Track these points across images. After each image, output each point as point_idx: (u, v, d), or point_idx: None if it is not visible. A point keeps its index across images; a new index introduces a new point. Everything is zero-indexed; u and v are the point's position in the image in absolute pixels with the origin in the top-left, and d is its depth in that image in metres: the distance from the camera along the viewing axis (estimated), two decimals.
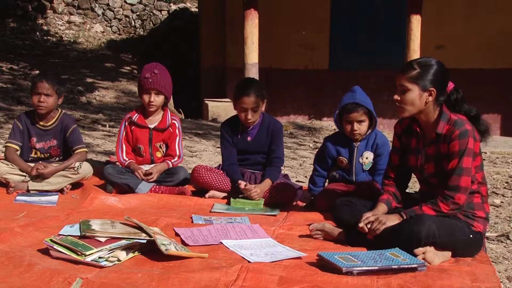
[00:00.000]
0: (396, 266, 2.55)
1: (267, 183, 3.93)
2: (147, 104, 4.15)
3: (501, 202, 4.39)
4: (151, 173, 4.06)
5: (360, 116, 3.65)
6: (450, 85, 2.97)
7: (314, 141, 7.59)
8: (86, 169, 4.09)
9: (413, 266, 2.58)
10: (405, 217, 2.85)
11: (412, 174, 3.23)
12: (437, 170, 2.95)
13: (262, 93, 3.97)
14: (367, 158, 3.76)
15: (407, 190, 3.30)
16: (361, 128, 3.69)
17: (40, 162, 4.02)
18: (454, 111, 2.95)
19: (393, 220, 2.86)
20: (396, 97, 2.94)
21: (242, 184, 3.88)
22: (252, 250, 2.84)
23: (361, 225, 2.90)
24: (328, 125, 9.14)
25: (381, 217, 2.89)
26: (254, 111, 3.95)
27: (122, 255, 2.60)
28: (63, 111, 4.26)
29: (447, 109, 2.94)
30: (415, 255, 2.69)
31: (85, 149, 4.22)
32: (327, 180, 3.95)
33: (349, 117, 3.67)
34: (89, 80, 10.45)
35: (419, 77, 2.87)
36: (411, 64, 2.91)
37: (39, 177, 3.95)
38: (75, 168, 4.02)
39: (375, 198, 3.16)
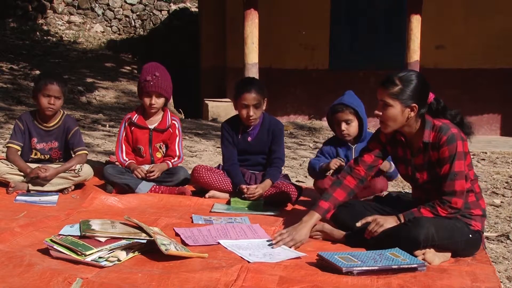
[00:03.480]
0: (396, 266, 2.55)
1: (268, 183, 3.92)
2: (148, 106, 4.14)
3: (501, 202, 4.38)
4: (153, 171, 4.06)
5: (346, 116, 3.70)
6: (431, 96, 2.93)
7: (314, 141, 7.58)
8: (87, 171, 4.09)
9: (413, 266, 2.58)
10: (402, 220, 2.85)
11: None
12: (431, 178, 2.94)
13: (263, 90, 3.97)
14: None
15: (403, 191, 3.29)
16: (350, 128, 3.73)
17: (40, 165, 4.00)
18: (437, 117, 2.92)
19: (391, 222, 2.85)
20: (377, 112, 2.91)
21: (245, 188, 3.87)
22: (250, 250, 2.84)
23: (358, 224, 2.91)
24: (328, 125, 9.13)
25: (379, 218, 2.89)
26: (256, 107, 3.93)
27: (122, 255, 2.60)
28: (65, 112, 4.25)
29: (429, 116, 2.91)
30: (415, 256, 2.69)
31: (86, 152, 4.21)
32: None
33: (337, 117, 3.73)
34: (89, 80, 10.44)
35: (401, 93, 2.83)
36: (393, 80, 2.86)
37: (38, 179, 3.94)
38: (76, 171, 4.02)
39: (376, 197, 3.16)
